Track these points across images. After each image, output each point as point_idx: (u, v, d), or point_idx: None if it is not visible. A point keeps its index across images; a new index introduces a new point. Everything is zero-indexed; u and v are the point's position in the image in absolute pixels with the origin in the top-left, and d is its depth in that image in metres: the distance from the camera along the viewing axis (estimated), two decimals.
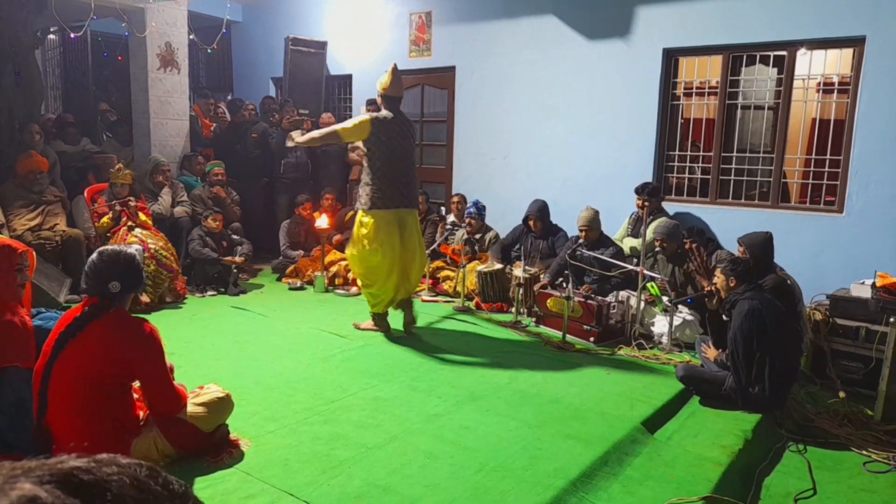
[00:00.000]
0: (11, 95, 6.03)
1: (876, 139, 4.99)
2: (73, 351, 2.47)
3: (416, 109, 7.70)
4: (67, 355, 2.47)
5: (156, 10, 6.82)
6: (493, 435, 3.12)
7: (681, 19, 5.76)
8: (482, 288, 5.66)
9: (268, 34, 8.82)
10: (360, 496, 2.54)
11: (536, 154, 6.76)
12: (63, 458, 0.48)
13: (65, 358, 2.47)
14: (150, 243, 5.41)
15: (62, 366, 2.46)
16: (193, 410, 2.76)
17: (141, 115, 7.01)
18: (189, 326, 4.88)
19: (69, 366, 2.47)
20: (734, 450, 3.15)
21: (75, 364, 2.47)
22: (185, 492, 0.53)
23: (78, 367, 2.47)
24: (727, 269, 3.80)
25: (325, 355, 4.24)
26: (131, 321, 2.60)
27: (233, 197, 6.83)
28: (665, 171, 6.12)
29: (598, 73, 6.27)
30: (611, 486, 2.74)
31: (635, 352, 4.52)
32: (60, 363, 2.46)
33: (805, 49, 5.32)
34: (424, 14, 7.43)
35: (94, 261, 2.59)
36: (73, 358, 2.47)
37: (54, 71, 9.57)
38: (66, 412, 2.49)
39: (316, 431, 3.09)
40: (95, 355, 2.50)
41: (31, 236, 5.33)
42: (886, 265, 4.62)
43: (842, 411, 3.73)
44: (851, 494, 2.98)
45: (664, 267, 5.01)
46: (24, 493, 0.43)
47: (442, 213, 7.20)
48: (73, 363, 2.47)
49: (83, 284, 2.59)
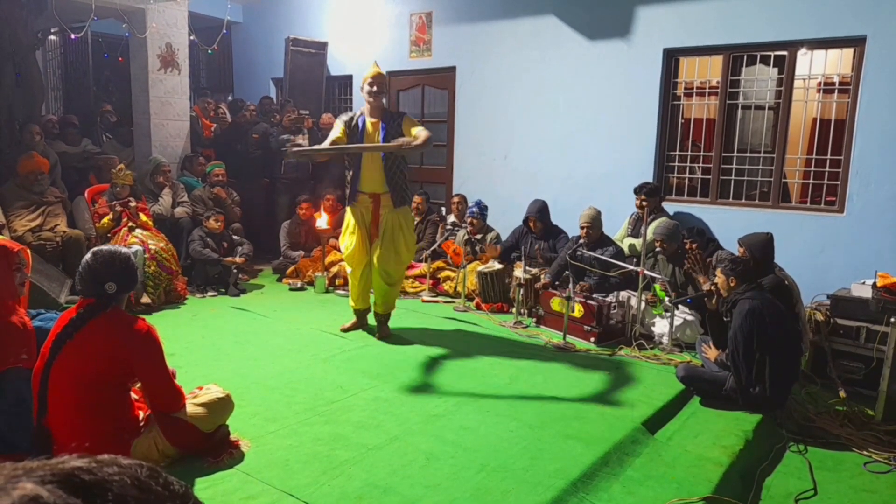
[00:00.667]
0: (12, 96, 6.03)
1: (876, 139, 4.99)
2: (72, 351, 2.47)
3: (416, 110, 7.70)
4: (66, 356, 2.47)
5: (156, 10, 6.82)
6: (493, 435, 3.12)
7: (681, 19, 5.76)
8: (483, 288, 5.66)
9: (268, 35, 8.83)
10: (360, 497, 2.54)
11: (537, 154, 6.77)
12: (64, 458, 0.49)
13: (63, 359, 2.47)
14: (151, 244, 5.41)
15: (60, 367, 2.47)
16: (194, 411, 2.76)
17: (141, 116, 7.01)
18: (189, 327, 4.88)
19: (68, 366, 2.47)
20: (735, 450, 3.15)
21: (74, 364, 2.47)
22: (185, 492, 0.53)
23: (76, 367, 2.47)
24: (728, 268, 3.80)
25: (325, 356, 4.24)
26: (128, 320, 2.60)
27: (233, 197, 6.83)
28: (665, 172, 6.12)
29: (599, 73, 6.27)
30: (611, 486, 2.74)
31: (636, 352, 4.52)
32: (59, 364, 2.47)
33: (805, 49, 5.32)
34: (425, 14, 7.44)
35: (88, 261, 2.57)
36: (71, 358, 2.47)
37: (55, 72, 9.58)
38: (66, 412, 2.49)
39: (316, 432, 3.09)
40: (94, 355, 2.50)
41: (32, 237, 5.33)
42: (887, 265, 4.62)
43: (842, 411, 3.73)
44: (852, 495, 2.98)
45: (664, 267, 5.01)
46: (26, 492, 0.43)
47: (442, 213, 7.20)
48: (71, 364, 2.47)
49: (78, 285, 2.58)
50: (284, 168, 7.37)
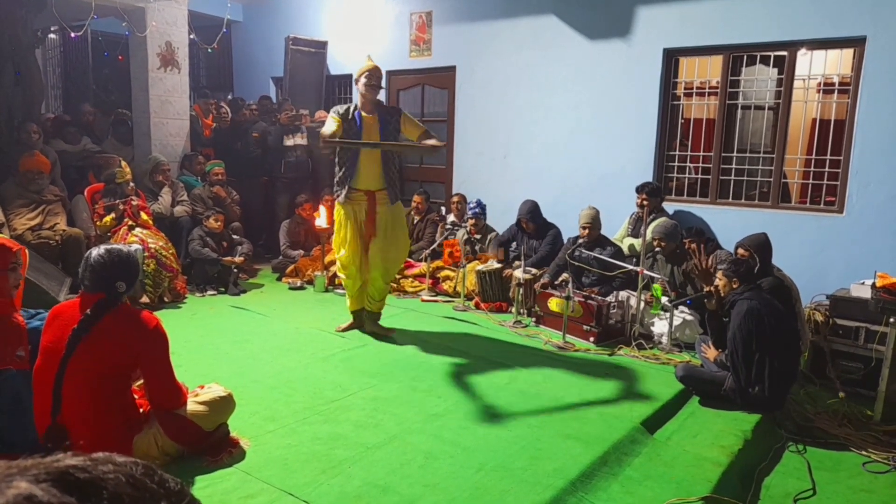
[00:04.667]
0: (11, 95, 6.02)
1: (876, 139, 4.99)
2: (87, 348, 2.49)
3: (416, 109, 7.70)
4: (82, 352, 2.48)
5: (156, 9, 6.82)
6: (492, 435, 3.12)
7: (681, 19, 5.76)
8: (482, 288, 5.66)
9: (268, 34, 8.82)
10: (359, 496, 2.54)
11: (536, 154, 6.76)
12: (59, 456, 0.49)
13: (79, 355, 2.48)
14: (151, 243, 5.41)
15: (77, 363, 2.48)
16: (195, 409, 2.76)
17: (141, 115, 7.01)
18: (189, 326, 4.88)
19: (84, 362, 2.48)
20: (734, 450, 3.15)
21: (90, 360, 2.49)
22: (181, 490, 0.53)
23: (93, 362, 2.49)
24: (730, 270, 3.80)
25: (324, 355, 4.24)
26: (138, 314, 2.64)
27: (233, 196, 6.83)
28: (665, 171, 6.12)
29: (599, 73, 6.26)
30: (610, 486, 2.74)
31: (635, 352, 4.51)
32: (75, 360, 2.48)
33: (805, 49, 5.32)
34: (425, 14, 7.43)
35: (103, 257, 2.59)
36: (87, 355, 2.49)
37: (54, 70, 9.58)
38: (82, 408, 2.50)
39: (315, 431, 3.09)
40: (109, 350, 2.53)
41: (32, 235, 5.33)
42: (886, 265, 4.62)
43: (841, 412, 3.73)
44: (851, 495, 2.98)
45: (663, 267, 5.01)
46: (20, 491, 0.43)
47: (442, 212, 7.20)
48: (88, 359, 2.49)
49: (85, 280, 2.59)
50: (284, 167, 7.37)
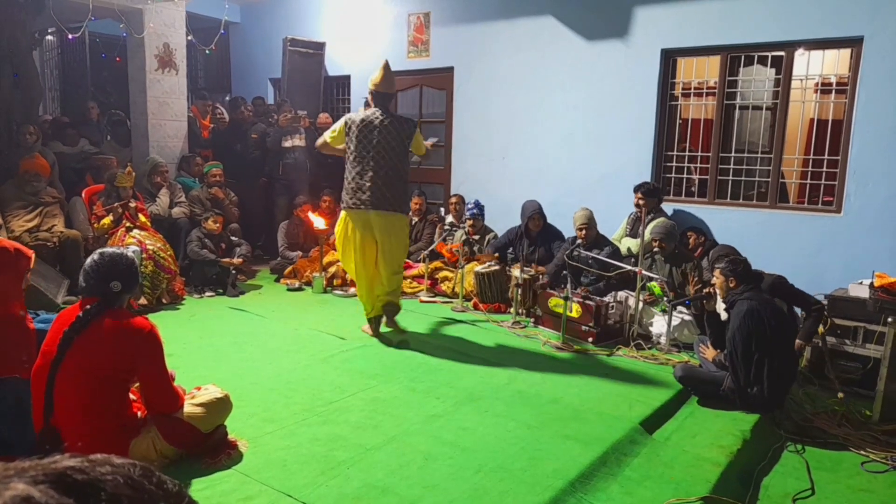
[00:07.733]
0: (9, 96, 6.02)
1: (874, 139, 5.00)
2: (79, 350, 2.48)
3: (414, 110, 7.70)
4: (73, 355, 2.48)
5: (154, 10, 6.81)
6: (491, 436, 3.12)
7: (679, 20, 5.77)
8: (480, 288, 5.66)
9: (266, 35, 8.82)
10: (358, 497, 2.53)
11: (535, 154, 6.77)
12: (57, 458, 0.48)
13: (71, 357, 2.47)
14: (149, 244, 5.40)
15: (68, 365, 2.47)
16: (192, 411, 2.76)
17: (139, 116, 7.00)
18: (187, 328, 4.88)
19: (76, 365, 2.48)
20: (733, 450, 3.15)
21: (82, 363, 2.48)
22: (179, 491, 0.53)
23: (84, 365, 2.49)
24: (727, 269, 3.80)
25: (323, 356, 4.23)
26: (134, 318, 2.63)
27: (231, 198, 6.82)
28: (663, 172, 6.12)
29: (597, 74, 6.27)
30: (609, 486, 2.74)
31: (634, 352, 4.52)
32: (67, 363, 2.47)
33: (803, 49, 5.33)
34: (423, 15, 7.44)
35: (95, 260, 2.61)
36: (79, 357, 2.48)
37: (52, 72, 9.57)
38: (73, 410, 2.49)
39: (314, 432, 3.09)
40: (101, 353, 2.52)
41: (29, 237, 5.32)
42: (884, 265, 4.62)
43: (840, 411, 3.73)
44: (850, 494, 2.98)
45: (662, 267, 5.02)
46: (17, 493, 0.43)
47: (441, 213, 7.20)
48: (79, 362, 2.48)
49: (82, 283, 2.60)
50: (283, 168, 7.36)
